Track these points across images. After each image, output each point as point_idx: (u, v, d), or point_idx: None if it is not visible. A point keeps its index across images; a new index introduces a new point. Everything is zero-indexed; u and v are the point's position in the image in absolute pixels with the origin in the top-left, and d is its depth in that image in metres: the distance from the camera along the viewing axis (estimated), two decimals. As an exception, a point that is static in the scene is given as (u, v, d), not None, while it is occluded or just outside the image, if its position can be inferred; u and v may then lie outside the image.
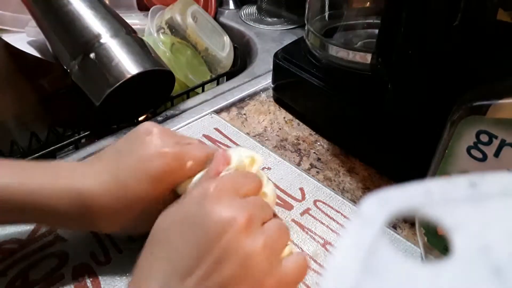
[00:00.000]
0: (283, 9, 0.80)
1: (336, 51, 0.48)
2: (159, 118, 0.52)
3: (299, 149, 0.48)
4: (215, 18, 0.80)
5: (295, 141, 0.49)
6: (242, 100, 0.56)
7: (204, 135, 0.49)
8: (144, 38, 0.56)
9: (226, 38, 0.72)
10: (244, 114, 0.53)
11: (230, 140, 0.48)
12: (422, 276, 0.09)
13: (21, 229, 0.36)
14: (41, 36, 0.58)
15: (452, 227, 0.10)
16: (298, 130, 0.51)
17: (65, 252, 0.35)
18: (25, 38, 0.63)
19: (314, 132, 0.50)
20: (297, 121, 0.52)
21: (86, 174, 0.30)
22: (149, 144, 0.31)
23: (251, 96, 0.57)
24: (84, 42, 0.50)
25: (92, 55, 0.49)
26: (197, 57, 0.67)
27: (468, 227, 0.10)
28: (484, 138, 0.25)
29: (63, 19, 0.51)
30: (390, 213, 0.10)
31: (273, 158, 0.45)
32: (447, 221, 0.10)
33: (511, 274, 0.09)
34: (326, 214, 0.39)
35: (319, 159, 0.46)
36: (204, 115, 0.52)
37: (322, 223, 0.38)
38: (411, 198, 0.11)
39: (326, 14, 0.54)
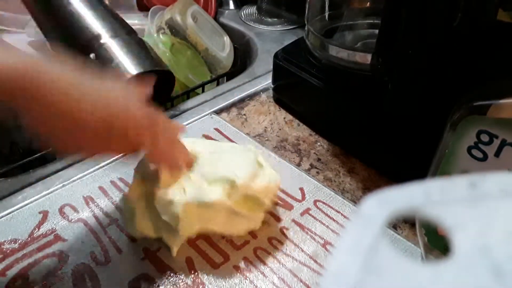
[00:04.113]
0: (283, 9, 0.80)
1: (336, 51, 0.48)
2: (159, 118, 0.52)
3: (299, 150, 0.48)
4: (215, 18, 0.80)
5: (295, 142, 0.49)
6: (242, 100, 0.56)
7: (204, 135, 0.49)
8: (144, 38, 0.56)
9: (226, 39, 0.72)
10: (244, 114, 0.53)
11: (230, 140, 0.48)
12: (422, 276, 0.09)
13: (21, 229, 0.36)
14: (41, 37, 0.57)
15: (452, 227, 0.10)
16: (298, 130, 0.51)
17: (65, 252, 0.35)
18: (25, 38, 0.63)
19: (314, 133, 0.50)
20: (297, 121, 0.52)
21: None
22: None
23: (251, 96, 0.57)
24: (84, 43, 0.50)
25: (92, 56, 0.49)
26: (197, 57, 0.67)
27: (468, 227, 0.10)
28: (484, 138, 0.25)
29: (63, 19, 0.51)
30: (390, 213, 0.10)
31: (273, 159, 0.45)
32: (447, 221, 0.10)
33: (510, 274, 0.09)
34: (326, 214, 0.39)
35: (319, 160, 0.46)
36: (204, 116, 0.52)
37: (322, 223, 0.38)
38: (411, 198, 0.11)
39: (326, 14, 0.54)
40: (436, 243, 0.30)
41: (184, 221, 0.32)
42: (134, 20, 0.69)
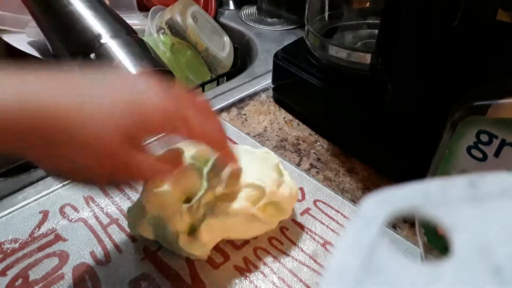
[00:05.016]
0: (283, 10, 0.80)
1: (336, 51, 0.48)
2: (159, 118, 0.52)
3: (299, 149, 0.48)
4: (215, 18, 0.80)
5: (295, 141, 0.49)
6: (242, 100, 0.56)
7: (204, 135, 0.49)
8: (144, 38, 0.56)
9: (226, 39, 0.72)
10: (244, 114, 0.53)
11: (230, 140, 0.48)
12: (422, 276, 0.09)
13: (21, 228, 0.37)
14: (41, 37, 0.58)
15: (451, 227, 0.10)
16: (298, 130, 0.51)
17: (65, 251, 0.35)
18: (25, 38, 0.63)
19: (314, 132, 0.50)
20: (297, 121, 0.52)
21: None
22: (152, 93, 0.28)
23: (251, 96, 0.57)
24: (84, 43, 0.50)
25: (92, 56, 0.50)
26: (197, 57, 0.67)
27: (468, 227, 0.10)
28: (484, 138, 0.25)
29: (63, 19, 0.51)
30: (389, 213, 0.10)
31: (273, 158, 0.45)
32: (446, 221, 0.10)
33: (511, 274, 0.09)
34: (326, 214, 0.39)
35: (319, 159, 0.46)
36: (204, 115, 0.52)
37: (322, 223, 0.38)
38: (411, 198, 0.11)
39: (326, 14, 0.54)
40: (435, 243, 0.30)
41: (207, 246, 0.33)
42: (134, 20, 0.69)
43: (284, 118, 0.53)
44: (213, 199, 0.33)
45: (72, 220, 0.38)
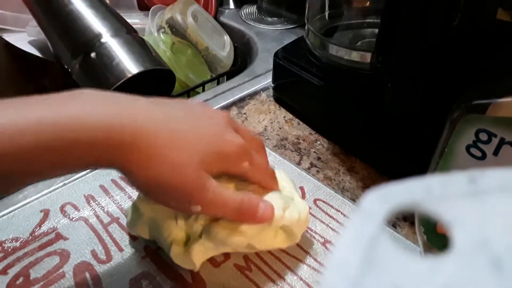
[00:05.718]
0: (283, 9, 0.81)
1: (336, 51, 0.48)
2: (160, 118, 0.52)
3: (299, 148, 0.48)
4: (216, 17, 0.80)
5: (295, 140, 0.49)
6: (242, 99, 0.56)
7: (205, 134, 0.49)
8: (144, 37, 0.57)
9: (227, 38, 0.72)
10: (245, 113, 0.54)
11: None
12: (422, 269, 0.09)
13: (22, 227, 0.37)
14: (42, 36, 0.58)
15: (451, 221, 0.10)
16: (298, 129, 0.51)
17: (66, 250, 0.35)
18: (26, 37, 0.63)
19: (314, 132, 0.50)
20: (297, 120, 0.52)
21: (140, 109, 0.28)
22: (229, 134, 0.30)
23: (251, 95, 0.57)
24: (85, 42, 0.50)
25: (93, 55, 0.50)
26: (197, 56, 0.67)
27: (468, 222, 0.10)
28: (483, 136, 0.25)
29: (64, 18, 0.51)
30: (390, 208, 0.11)
31: (273, 157, 0.45)
32: (446, 216, 0.10)
33: (510, 266, 0.09)
34: (326, 213, 0.39)
35: (319, 158, 0.46)
36: (205, 115, 0.52)
37: (322, 222, 0.38)
38: (412, 193, 0.11)
39: (326, 14, 0.54)
40: (435, 241, 0.31)
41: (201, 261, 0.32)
42: (134, 19, 0.69)
43: (284, 117, 0.53)
44: (212, 220, 0.32)
45: (73, 219, 0.38)
